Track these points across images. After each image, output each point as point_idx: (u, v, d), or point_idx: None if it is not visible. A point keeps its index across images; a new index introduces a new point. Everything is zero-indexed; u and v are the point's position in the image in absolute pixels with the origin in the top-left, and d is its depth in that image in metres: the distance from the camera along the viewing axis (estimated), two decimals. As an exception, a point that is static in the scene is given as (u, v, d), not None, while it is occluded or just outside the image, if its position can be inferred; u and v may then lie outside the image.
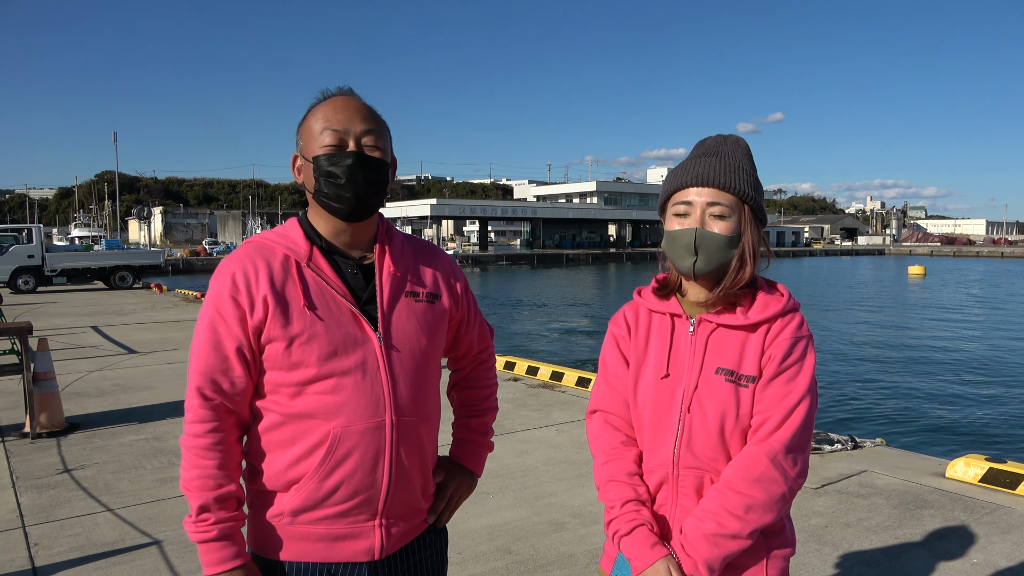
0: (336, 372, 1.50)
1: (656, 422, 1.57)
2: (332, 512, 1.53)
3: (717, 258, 1.54)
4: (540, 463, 5.39)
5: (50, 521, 4.32)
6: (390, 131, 1.64)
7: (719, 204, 1.54)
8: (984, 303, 30.16)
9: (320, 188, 1.54)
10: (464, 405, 1.89)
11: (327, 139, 1.53)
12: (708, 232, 1.53)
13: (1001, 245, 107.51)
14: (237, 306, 1.50)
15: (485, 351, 1.90)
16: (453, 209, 74.06)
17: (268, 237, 1.60)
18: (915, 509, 4.44)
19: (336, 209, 1.55)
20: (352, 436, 1.50)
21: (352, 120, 1.55)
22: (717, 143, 1.62)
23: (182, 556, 3.81)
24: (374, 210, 1.59)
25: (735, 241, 1.54)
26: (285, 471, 1.52)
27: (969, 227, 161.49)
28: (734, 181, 1.55)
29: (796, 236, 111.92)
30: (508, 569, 3.66)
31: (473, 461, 1.86)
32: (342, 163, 1.52)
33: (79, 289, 26.07)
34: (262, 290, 1.50)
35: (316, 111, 1.58)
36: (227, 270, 1.54)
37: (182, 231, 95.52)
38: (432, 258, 1.72)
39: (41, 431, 6.20)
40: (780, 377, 1.51)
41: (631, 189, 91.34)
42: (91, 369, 9.48)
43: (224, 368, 1.51)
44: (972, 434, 9.88)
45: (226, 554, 1.49)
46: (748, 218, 1.56)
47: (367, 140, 1.55)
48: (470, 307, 1.81)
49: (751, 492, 1.46)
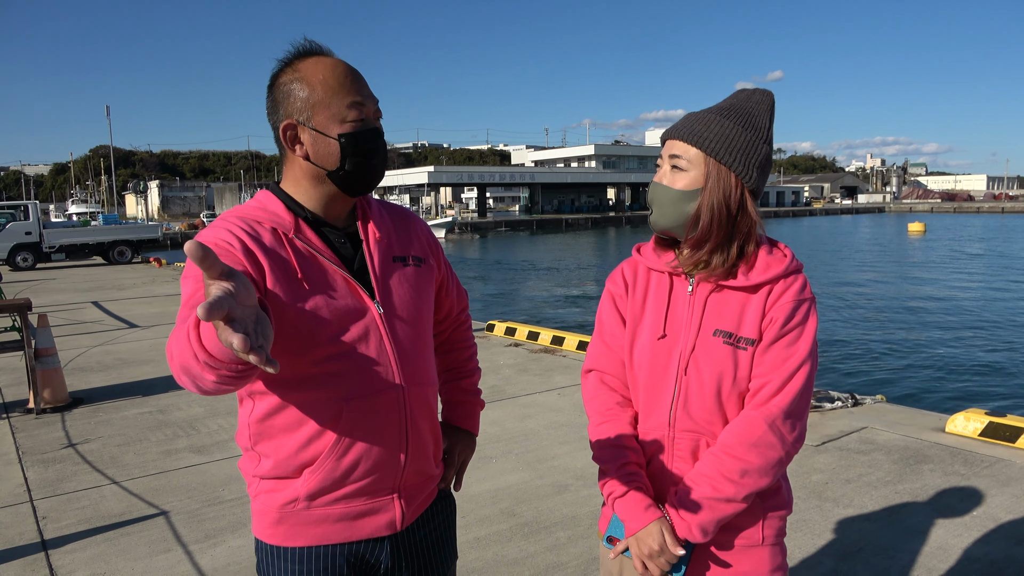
0: (341, 345, 1.44)
1: (652, 384, 1.55)
2: (352, 490, 1.48)
3: (670, 213, 1.52)
4: (542, 427, 5.42)
5: (57, 495, 4.36)
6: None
7: (678, 156, 1.51)
8: (983, 259, 30.12)
9: (345, 167, 1.45)
10: (450, 368, 1.87)
11: (354, 114, 1.44)
12: (659, 184, 1.53)
13: (1002, 200, 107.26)
14: (230, 257, 1.34)
15: (463, 312, 1.88)
16: (451, 176, 73.58)
17: (247, 212, 1.48)
18: (915, 464, 4.47)
19: (357, 188, 1.49)
20: (365, 409, 1.45)
21: (367, 91, 1.48)
22: (733, 96, 1.57)
23: (189, 526, 3.85)
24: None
25: (691, 196, 1.50)
26: (296, 455, 1.46)
27: (970, 183, 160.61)
28: (698, 134, 1.50)
29: (796, 196, 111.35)
30: (512, 531, 3.70)
31: (470, 422, 1.86)
32: (375, 142, 1.46)
33: (78, 265, 26.04)
34: (259, 255, 1.38)
35: (316, 74, 1.43)
36: (219, 228, 1.41)
37: (179, 204, 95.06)
38: (409, 222, 1.68)
39: (45, 407, 6.23)
40: (781, 341, 1.48)
41: (629, 152, 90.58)
42: (93, 344, 9.50)
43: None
44: (972, 389, 9.94)
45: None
46: (712, 174, 1.49)
47: (378, 113, 1.51)
48: (448, 269, 1.79)
49: (748, 457, 1.44)
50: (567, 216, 71.09)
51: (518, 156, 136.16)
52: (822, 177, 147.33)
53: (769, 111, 1.54)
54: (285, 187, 1.52)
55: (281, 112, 1.46)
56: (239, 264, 1.34)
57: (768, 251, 1.54)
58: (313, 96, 1.43)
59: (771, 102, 1.55)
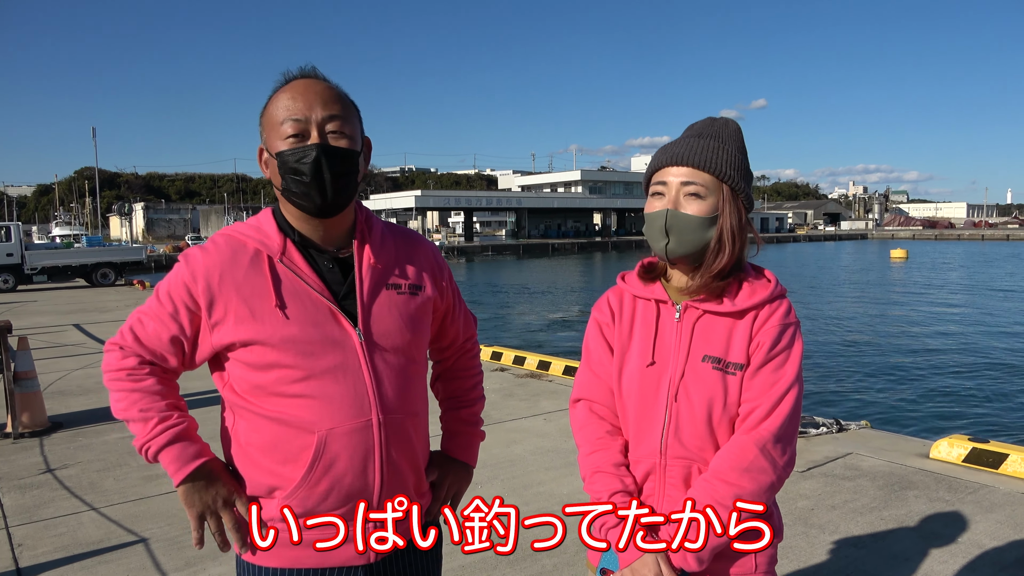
0: (315, 373, 1.44)
1: (642, 411, 1.55)
2: (324, 518, 1.47)
3: (691, 240, 1.50)
4: (528, 452, 5.39)
5: (34, 521, 4.27)
6: (359, 112, 1.55)
7: (694, 184, 1.50)
8: (964, 285, 30.46)
9: (287, 186, 1.46)
10: (451, 396, 1.84)
11: (288, 130, 1.44)
12: (680, 213, 1.50)
13: (982, 228, 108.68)
14: (191, 298, 1.47)
15: (469, 340, 1.86)
16: (438, 200, 73.75)
17: (240, 230, 1.53)
18: (900, 490, 4.48)
19: (305, 208, 1.48)
20: (339, 439, 1.45)
21: (313, 106, 1.45)
22: (705, 125, 1.58)
23: (169, 553, 3.78)
24: (346, 204, 1.50)
25: (711, 223, 1.50)
26: (269, 476, 1.47)
27: (950, 210, 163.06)
28: (711, 160, 1.50)
29: (780, 222, 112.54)
30: (497, 559, 3.66)
31: (467, 453, 1.82)
32: (305, 159, 1.43)
33: (60, 287, 25.76)
34: (225, 289, 1.45)
35: (277, 98, 1.48)
36: (194, 259, 1.50)
37: (164, 227, 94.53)
38: (414, 247, 1.66)
39: (23, 431, 6.13)
40: (768, 365, 1.48)
41: (615, 178, 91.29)
42: (74, 367, 9.38)
43: (156, 345, 1.49)
44: (955, 415, 10.00)
45: (190, 452, 1.46)
46: (728, 199, 1.50)
47: (331, 126, 1.45)
48: (455, 296, 1.76)
49: (740, 482, 1.44)
50: (553, 241, 71.35)
51: (505, 181, 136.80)
52: (805, 204, 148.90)
53: (741, 136, 1.59)
54: (281, 209, 1.56)
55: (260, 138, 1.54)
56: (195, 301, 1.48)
57: (754, 277, 1.56)
58: (268, 119, 1.48)
59: (739, 128, 1.60)
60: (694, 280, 1.54)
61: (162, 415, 1.47)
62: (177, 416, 1.49)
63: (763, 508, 1.44)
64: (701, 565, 1.45)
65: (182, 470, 1.44)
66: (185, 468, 1.44)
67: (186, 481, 1.45)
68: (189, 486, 1.45)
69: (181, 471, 1.44)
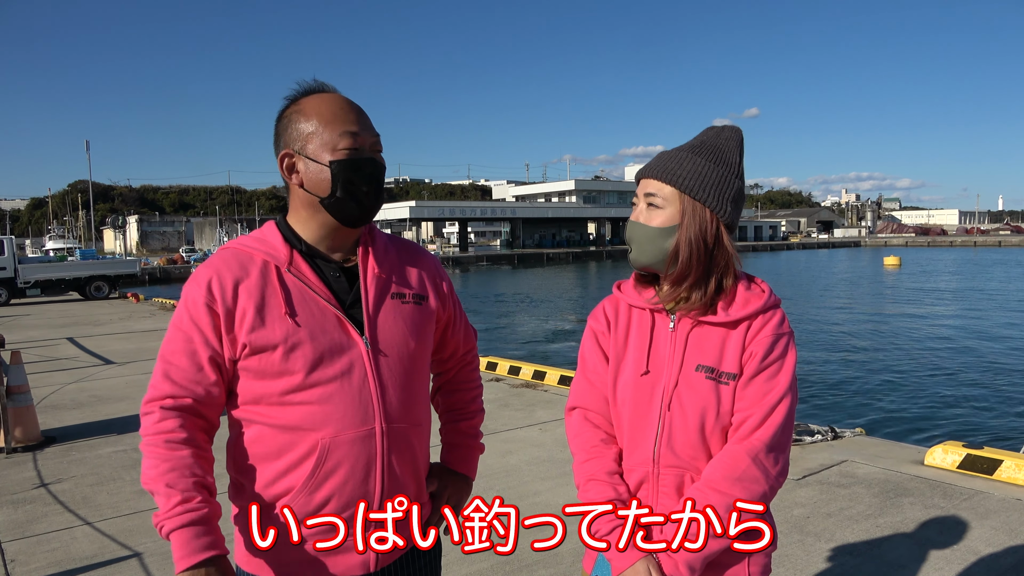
0: (322, 380, 1.45)
1: (636, 420, 1.56)
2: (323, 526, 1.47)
3: (649, 250, 1.55)
4: (524, 462, 5.39)
5: (27, 537, 4.25)
6: None
7: (653, 195, 1.55)
8: (957, 292, 30.59)
9: (336, 194, 1.48)
10: (451, 409, 1.85)
11: (345, 143, 1.48)
12: (637, 223, 1.57)
13: (974, 234, 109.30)
14: (212, 314, 1.45)
15: (470, 352, 1.86)
16: (432, 211, 73.84)
17: (245, 243, 1.54)
18: (895, 497, 4.49)
19: (350, 216, 1.51)
20: (341, 446, 1.45)
21: (363, 122, 1.52)
22: (701, 134, 1.61)
23: (162, 568, 3.76)
24: (375, 216, 1.57)
25: (668, 233, 1.53)
26: (272, 484, 1.47)
27: (943, 217, 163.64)
28: (671, 172, 1.54)
29: (773, 230, 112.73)
30: (494, 569, 3.65)
31: (466, 465, 1.83)
32: (365, 170, 1.49)
33: (54, 300, 25.69)
34: (240, 299, 1.45)
35: (316, 108, 1.50)
36: (203, 277, 1.48)
37: (158, 239, 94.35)
38: (416, 258, 1.67)
39: (16, 446, 6.09)
40: (761, 375, 1.49)
41: (609, 187, 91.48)
42: (67, 381, 9.34)
43: (198, 378, 1.45)
44: (949, 421, 10.02)
45: (204, 542, 1.37)
46: (688, 211, 1.53)
47: (378, 146, 1.54)
48: (456, 307, 1.77)
49: (732, 491, 1.44)
50: (548, 250, 71.49)
51: (499, 191, 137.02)
52: (798, 212, 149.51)
53: (739, 147, 1.58)
54: (289, 218, 1.57)
55: (281, 143, 1.53)
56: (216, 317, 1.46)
57: (746, 286, 1.57)
58: (308, 127, 1.49)
59: (740, 138, 1.59)
60: (667, 290, 1.57)
61: (185, 495, 1.38)
62: (200, 500, 1.39)
63: (763, 508, 1.44)
64: (693, 574, 1.45)
65: (186, 559, 1.35)
66: (190, 558, 1.35)
67: (187, 571, 1.36)
68: (188, 574, 1.36)
69: (184, 559, 1.36)
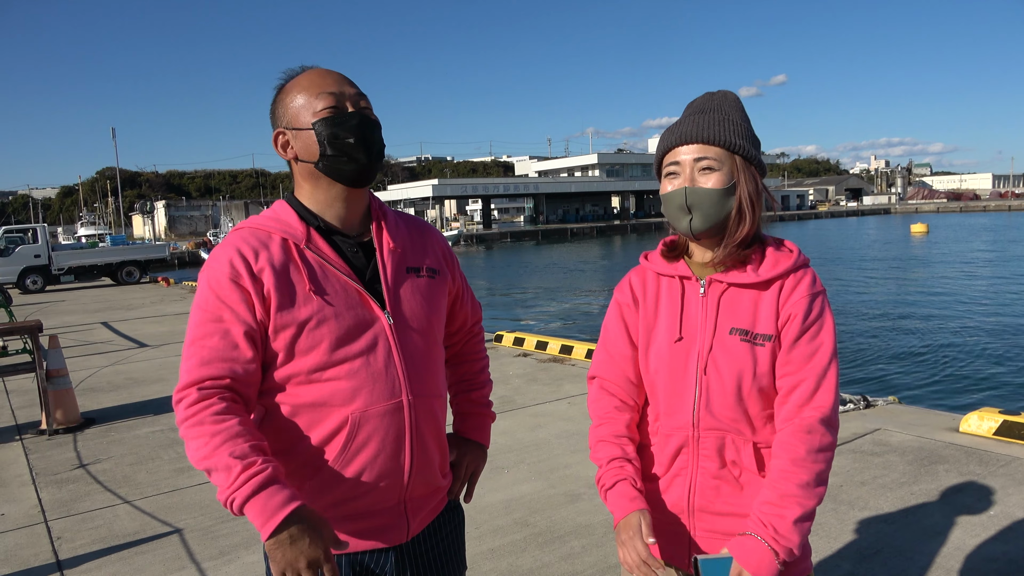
0: (349, 356, 1.45)
1: (672, 386, 1.56)
2: (356, 499, 1.49)
3: (713, 213, 1.51)
4: (553, 436, 5.41)
5: (71, 515, 4.37)
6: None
7: (706, 158, 1.52)
8: (990, 258, 29.97)
9: (326, 152, 1.47)
10: (461, 380, 1.87)
11: (323, 103, 1.48)
12: (698, 188, 1.51)
13: (1008, 198, 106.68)
14: (241, 290, 1.42)
15: (476, 324, 1.89)
16: (455, 189, 73.85)
17: (260, 221, 1.52)
18: (930, 464, 4.44)
19: (345, 172, 1.49)
20: (371, 420, 1.46)
21: (343, 84, 1.51)
22: (704, 100, 1.60)
23: (203, 543, 3.85)
24: (375, 176, 1.55)
25: (729, 192, 1.51)
26: (303, 462, 1.48)
27: (975, 181, 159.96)
28: (719, 133, 1.52)
29: (801, 199, 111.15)
30: (526, 541, 3.69)
31: (481, 433, 1.86)
32: (349, 122, 1.47)
33: (87, 286, 26.16)
34: (265, 275, 1.43)
35: (297, 83, 1.52)
36: (223, 256, 1.45)
37: (186, 224, 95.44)
38: (425, 233, 1.69)
39: (58, 427, 6.25)
40: (804, 336, 1.50)
41: (633, 160, 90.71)
42: (103, 364, 9.54)
43: (234, 355, 1.40)
44: (985, 388, 9.86)
45: (281, 498, 1.29)
46: (741, 168, 1.52)
47: (363, 103, 1.52)
48: (463, 281, 1.80)
49: (813, 465, 1.45)
50: (572, 226, 71.14)
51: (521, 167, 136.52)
52: (826, 180, 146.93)
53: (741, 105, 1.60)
54: (297, 195, 1.57)
55: (273, 125, 1.55)
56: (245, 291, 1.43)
57: (775, 248, 1.58)
58: (293, 102, 1.51)
59: (737, 98, 1.61)
60: (718, 252, 1.55)
61: (247, 461, 1.30)
62: (262, 461, 1.32)
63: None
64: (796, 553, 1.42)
65: (269, 521, 1.28)
66: (273, 519, 1.28)
67: (273, 535, 1.29)
68: (274, 541, 1.29)
69: (268, 523, 1.28)
